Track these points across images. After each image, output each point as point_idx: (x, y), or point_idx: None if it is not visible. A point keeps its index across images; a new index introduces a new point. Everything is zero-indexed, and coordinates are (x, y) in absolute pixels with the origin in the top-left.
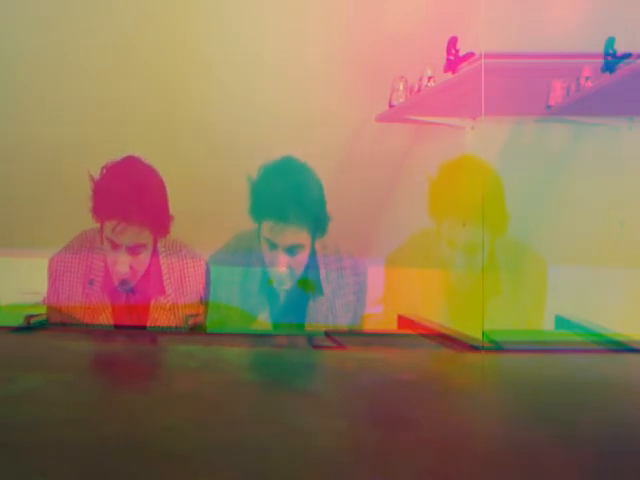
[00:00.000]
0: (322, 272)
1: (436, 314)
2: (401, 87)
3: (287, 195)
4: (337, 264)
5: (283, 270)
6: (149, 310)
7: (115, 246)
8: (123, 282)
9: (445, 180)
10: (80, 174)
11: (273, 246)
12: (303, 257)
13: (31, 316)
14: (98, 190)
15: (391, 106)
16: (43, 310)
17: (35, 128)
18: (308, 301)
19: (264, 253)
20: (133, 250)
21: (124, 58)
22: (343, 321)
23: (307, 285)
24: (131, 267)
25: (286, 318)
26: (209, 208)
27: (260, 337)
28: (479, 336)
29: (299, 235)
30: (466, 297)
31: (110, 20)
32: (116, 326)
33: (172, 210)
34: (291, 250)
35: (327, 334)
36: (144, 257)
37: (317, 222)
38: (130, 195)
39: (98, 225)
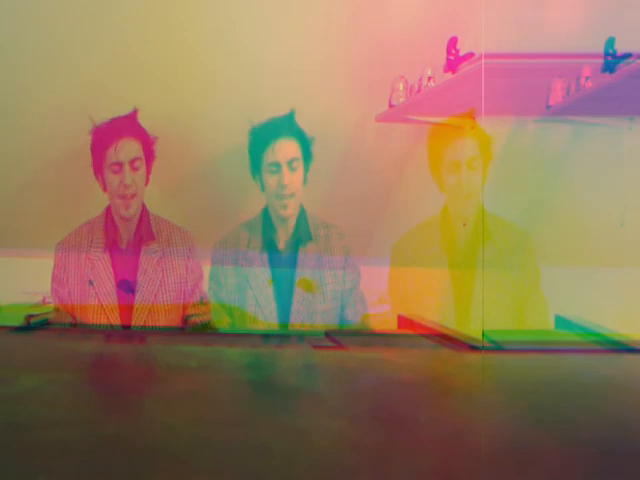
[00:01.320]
0: (312, 229)
1: (436, 314)
2: (401, 87)
3: (278, 124)
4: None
5: (287, 183)
6: (150, 310)
7: (118, 167)
8: (123, 282)
9: (441, 133)
10: (81, 175)
11: (276, 167)
12: (299, 176)
13: (31, 316)
14: (95, 139)
15: (391, 106)
16: (43, 310)
17: (36, 127)
18: (307, 302)
19: (267, 181)
20: (133, 163)
21: (124, 58)
22: (344, 320)
23: (307, 285)
24: (134, 182)
25: (287, 318)
26: (210, 207)
27: (261, 337)
28: (479, 336)
29: (294, 148)
30: (467, 296)
31: (110, 20)
32: (114, 325)
33: (174, 211)
34: (290, 164)
35: (327, 334)
36: (140, 175)
37: (304, 141)
38: (119, 126)
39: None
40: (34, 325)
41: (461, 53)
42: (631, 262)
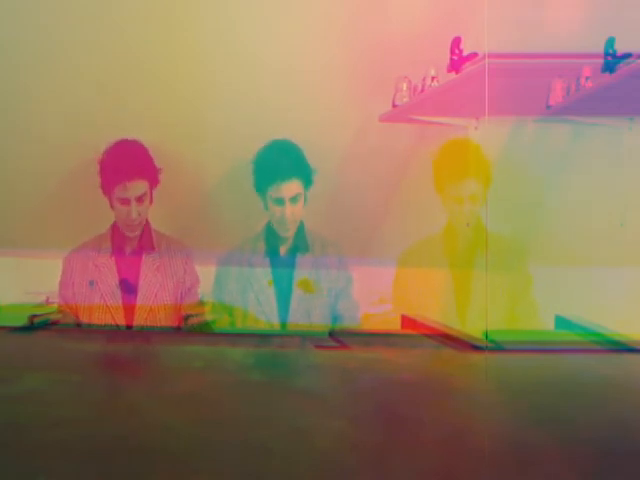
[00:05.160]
0: (309, 242)
1: (439, 314)
2: (405, 87)
3: (283, 161)
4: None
5: (289, 216)
6: (152, 310)
7: (125, 201)
8: (125, 283)
9: (445, 155)
10: (84, 176)
11: (280, 201)
12: (300, 205)
13: (34, 316)
14: (103, 167)
15: (394, 106)
16: (46, 310)
17: (36, 128)
18: (307, 301)
19: (271, 211)
20: (140, 199)
21: (124, 58)
22: (344, 320)
23: (307, 285)
24: (139, 215)
25: (288, 318)
26: (211, 211)
27: (263, 337)
28: (481, 336)
29: (298, 186)
30: (469, 297)
31: (110, 20)
32: (119, 325)
33: (174, 215)
34: (293, 199)
35: (330, 334)
36: (145, 205)
37: (306, 175)
38: (127, 163)
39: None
40: (37, 325)
41: (464, 53)
42: (631, 262)
